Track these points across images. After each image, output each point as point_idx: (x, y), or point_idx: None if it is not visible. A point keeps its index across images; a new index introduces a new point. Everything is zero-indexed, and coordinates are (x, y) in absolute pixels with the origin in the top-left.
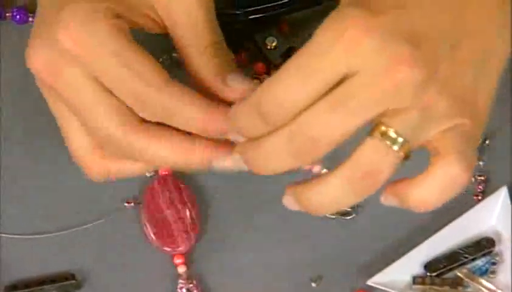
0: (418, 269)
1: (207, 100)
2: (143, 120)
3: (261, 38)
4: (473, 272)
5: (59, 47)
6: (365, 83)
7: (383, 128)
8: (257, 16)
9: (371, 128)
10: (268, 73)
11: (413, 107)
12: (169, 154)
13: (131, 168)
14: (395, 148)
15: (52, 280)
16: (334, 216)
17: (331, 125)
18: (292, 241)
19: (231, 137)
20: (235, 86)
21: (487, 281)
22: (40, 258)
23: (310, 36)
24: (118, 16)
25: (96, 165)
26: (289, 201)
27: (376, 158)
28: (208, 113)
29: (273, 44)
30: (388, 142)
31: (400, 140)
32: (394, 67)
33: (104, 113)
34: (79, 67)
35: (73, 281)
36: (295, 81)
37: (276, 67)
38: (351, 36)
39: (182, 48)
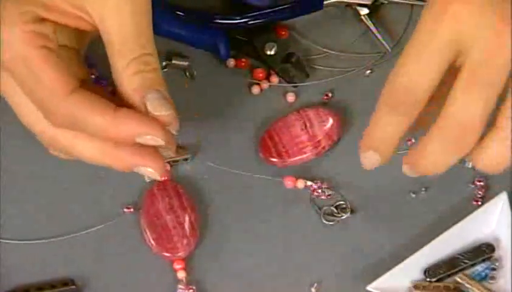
0: (418, 275)
1: (113, 108)
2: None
3: (261, 44)
4: (473, 278)
5: None
6: (486, 54)
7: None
8: (257, 22)
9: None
10: (268, 78)
11: None
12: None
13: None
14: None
15: (51, 285)
16: (332, 223)
17: (473, 105)
18: (292, 246)
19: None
20: (151, 105)
21: (487, 286)
22: (39, 264)
23: (309, 42)
24: (42, 20)
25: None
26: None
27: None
28: (113, 123)
29: (273, 50)
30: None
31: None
32: (504, 27)
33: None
34: None
35: (73, 287)
36: (415, 67)
37: (276, 73)
38: (454, 10)
39: (109, 54)
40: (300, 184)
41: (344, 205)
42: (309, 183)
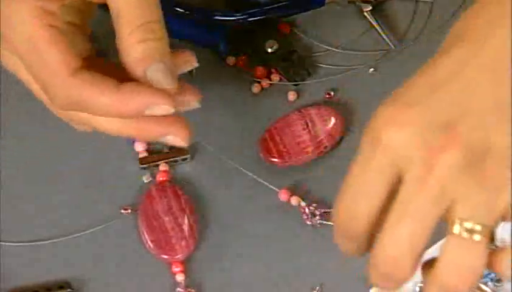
0: (422, 277)
1: (116, 85)
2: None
3: (261, 41)
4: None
5: None
6: (414, 187)
7: (457, 222)
8: (257, 18)
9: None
10: (269, 77)
11: (473, 188)
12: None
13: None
14: (476, 238)
15: (47, 288)
16: None
17: (402, 238)
18: (293, 250)
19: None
20: (153, 78)
21: (492, 289)
22: (35, 266)
23: (311, 39)
24: None
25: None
26: None
27: (462, 255)
28: (119, 100)
29: (274, 47)
30: (466, 235)
31: (478, 227)
32: (433, 159)
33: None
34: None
35: (69, 290)
36: (355, 195)
37: (277, 71)
38: (386, 137)
39: (115, 22)
40: (294, 201)
41: None
42: (302, 203)
